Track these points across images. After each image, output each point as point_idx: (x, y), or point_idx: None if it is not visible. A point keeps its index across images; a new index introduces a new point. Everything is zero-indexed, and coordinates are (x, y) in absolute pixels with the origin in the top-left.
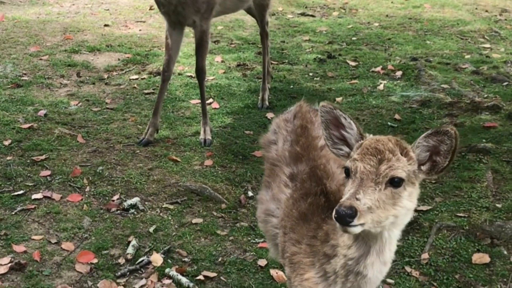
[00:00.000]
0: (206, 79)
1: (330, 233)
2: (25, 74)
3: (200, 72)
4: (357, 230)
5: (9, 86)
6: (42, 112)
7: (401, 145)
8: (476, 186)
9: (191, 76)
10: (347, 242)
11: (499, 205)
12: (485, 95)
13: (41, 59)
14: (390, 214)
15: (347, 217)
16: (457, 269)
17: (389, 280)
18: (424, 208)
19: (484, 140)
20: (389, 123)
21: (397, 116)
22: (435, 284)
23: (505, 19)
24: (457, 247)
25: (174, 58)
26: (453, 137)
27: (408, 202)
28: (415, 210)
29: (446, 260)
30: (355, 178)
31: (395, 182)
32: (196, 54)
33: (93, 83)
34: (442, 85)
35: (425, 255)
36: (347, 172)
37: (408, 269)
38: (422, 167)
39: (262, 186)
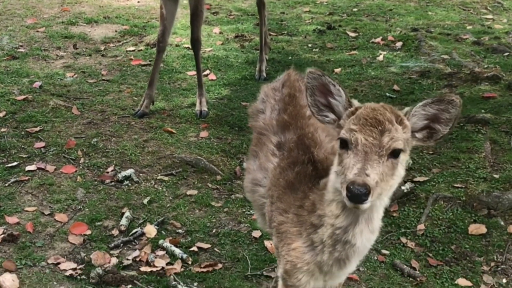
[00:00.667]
0: (203, 51)
1: (316, 203)
2: (21, 46)
3: (195, 42)
4: (367, 206)
5: (4, 58)
6: (37, 84)
7: (396, 113)
8: (474, 157)
9: (188, 48)
10: (335, 211)
11: (496, 176)
12: (485, 66)
13: (37, 31)
14: (389, 185)
15: (362, 196)
16: (453, 240)
17: (384, 251)
18: (421, 179)
19: (483, 111)
20: (387, 94)
21: (396, 87)
22: (430, 255)
23: None
24: (454, 218)
25: (169, 28)
26: (458, 106)
27: (402, 170)
28: (412, 181)
29: (442, 231)
30: (357, 150)
31: (395, 153)
32: (191, 24)
33: (90, 55)
34: (442, 56)
35: (421, 226)
36: (344, 143)
37: (403, 240)
38: (417, 134)
39: (249, 156)
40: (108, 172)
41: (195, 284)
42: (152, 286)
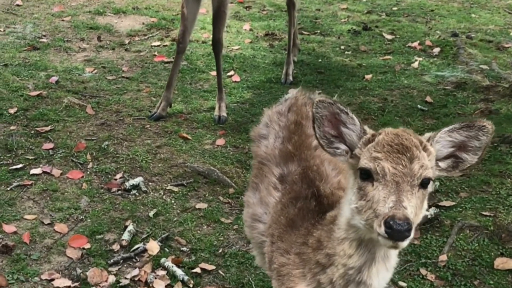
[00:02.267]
0: (230, 49)
1: (323, 240)
2: (44, 35)
3: (216, 44)
4: (407, 243)
5: (25, 49)
6: (53, 79)
7: (419, 138)
8: (506, 181)
9: None
10: (348, 251)
11: None
12: None
13: (63, 20)
14: (419, 218)
15: (405, 232)
16: (477, 274)
17: (401, 283)
18: (447, 203)
19: None
20: (419, 106)
21: (428, 99)
22: None
23: None
24: (479, 250)
25: (190, 29)
26: (490, 133)
27: (426, 202)
28: (437, 205)
29: (466, 263)
30: (386, 181)
31: (425, 183)
32: (213, 25)
33: (113, 49)
34: (481, 66)
35: (443, 257)
36: (366, 174)
37: (423, 271)
38: (440, 164)
39: (249, 187)
40: (116, 179)
41: None
42: None
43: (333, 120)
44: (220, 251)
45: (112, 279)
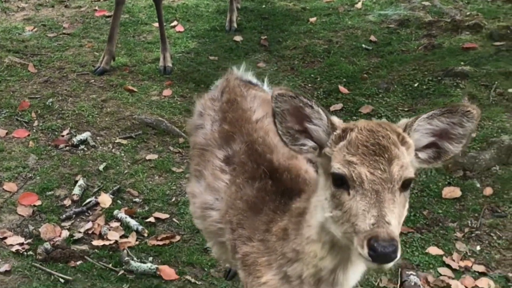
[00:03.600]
0: (172, 0)
1: (290, 232)
2: None
3: None
4: (392, 264)
5: None
6: None
7: (396, 130)
8: None
9: None
10: (320, 253)
11: (473, 135)
12: (468, 13)
13: None
14: (401, 225)
15: (391, 254)
16: (426, 204)
17: None
18: None
19: (462, 63)
20: (363, 46)
21: (372, 38)
22: None
23: None
24: (427, 181)
25: None
26: (475, 118)
27: (407, 203)
28: None
29: (415, 195)
30: (364, 190)
31: (406, 185)
32: None
33: (52, 6)
34: (423, 2)
35: None
36: (339, 180)
37: None
38: (420, 154)
39: (191, 178)
40: (63, 136)
41: (150, 258)
42: (104, 262)
43: (297, 114)
44: (173, 200)
45: (65, 233)
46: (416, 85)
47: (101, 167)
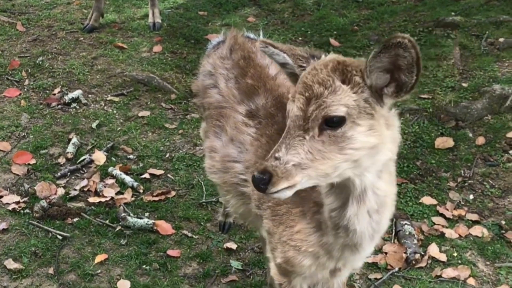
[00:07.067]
0: None
1: None
2: None
3: None
4: (284, 195)
5: None
6: None
7: (343, 69)
8: (442, 64)
9: None
10: (324, 189)
11: (465, 85)
12: None
13: None
14: (338, 163)
15: (260, 184)
16: (419, 155)
17: None
18: None
19: (453, 13)
20: None
21: None
22: None
23: None
24: (420, 132)
25: None
26: (409, 47)
27: (369, 138)
28: None
29: (408, 146)
30: (287, 126)
31: (334, 123)
32: None
33: None
34: None
35: None
36: None
37: None
38: (386, 90)
39: (209, 134)
40: (54, 94)
41: (146, 214)
42: (100, 219)
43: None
44: (167, 155)
45: (61, 191)
46: None
47: (94, 125)
